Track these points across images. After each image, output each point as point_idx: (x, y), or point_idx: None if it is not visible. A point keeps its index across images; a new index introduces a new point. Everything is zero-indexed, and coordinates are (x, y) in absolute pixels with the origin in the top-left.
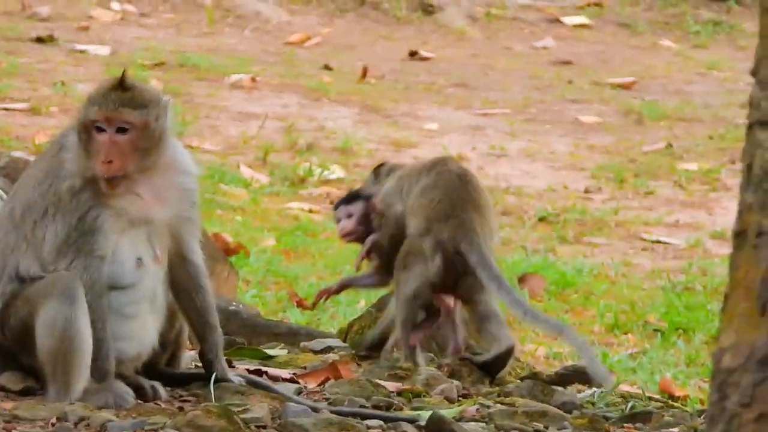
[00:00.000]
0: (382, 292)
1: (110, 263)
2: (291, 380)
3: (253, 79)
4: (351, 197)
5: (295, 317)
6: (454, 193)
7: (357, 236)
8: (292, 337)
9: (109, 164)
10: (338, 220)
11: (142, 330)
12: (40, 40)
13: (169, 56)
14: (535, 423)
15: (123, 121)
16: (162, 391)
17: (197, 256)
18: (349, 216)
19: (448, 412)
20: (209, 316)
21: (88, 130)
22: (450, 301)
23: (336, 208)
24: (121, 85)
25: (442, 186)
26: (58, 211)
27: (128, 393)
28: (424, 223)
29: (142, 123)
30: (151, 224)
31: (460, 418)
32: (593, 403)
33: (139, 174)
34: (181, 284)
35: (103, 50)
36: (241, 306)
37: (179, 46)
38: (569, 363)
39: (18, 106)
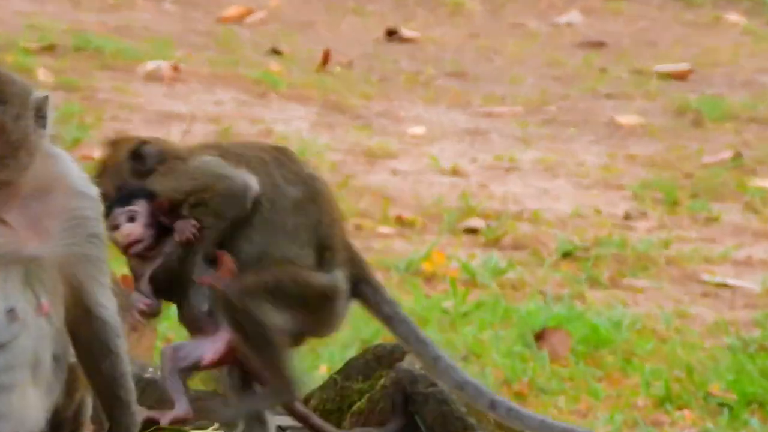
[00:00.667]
0: (349, 353)
1: None
2: None
3: (176, 68)
4: (126, 196)
5: None
6: (334, 213)
7: (148, 243)
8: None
9: None
10: (115, 226)
11: (20, 405)
12: None
13: (62, 37)
14: None
15: None
16: None
17: (104, 308)
18: (132, 219)
19: None
20: (120, 388)
21: None
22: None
23: (109, 212)
24: None
25: (321, 202)
26: None
27: None
28: (311, 252)
29: None
30: (28, 263)
31: None
32: None
33: (9, 195)
34: (85, 345)
35: None
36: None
37: (76, 23)
38: None
39: None
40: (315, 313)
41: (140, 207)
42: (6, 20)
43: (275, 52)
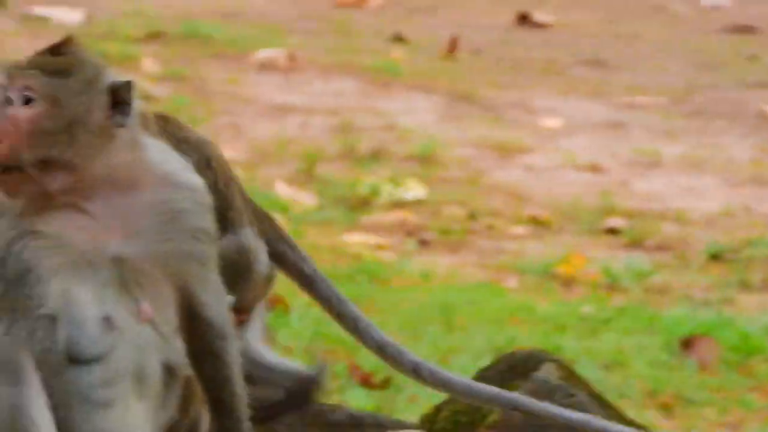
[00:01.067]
0: (481, 363)
1: (63, 325)
2: None
3: (291, 57)
4: None
5: (357, 399)
6: (229, 173)
7: None
8: (353, 428)
9: None
10: None
11: (123, 422)
12: None
13: (169, 24)
14: None
15: (25, 87)
16: None
17: (208, 308)
18: None
19: None
20: (224, 394)
21: None
22: None
23: None
24: (53, 50)
25: (216, 164)
26: None
27: None
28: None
29: (50, 94)
30: (121, 263)
31: None
32: None
33: (71, 181)
34: (192, 350)
35: (73, 16)
36: None
37: (184, 9)
38: None
39: None
40: (234, 276)
41: None
42: (109, 6)
43: (397, 38)
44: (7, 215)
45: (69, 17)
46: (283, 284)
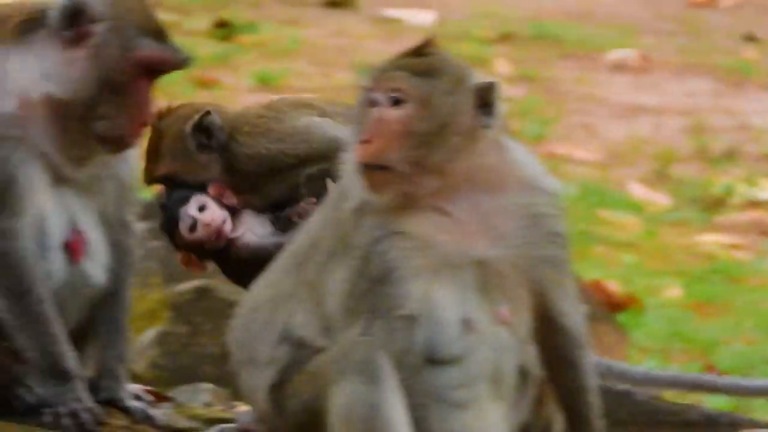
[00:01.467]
0: None
1: (422, 326)
2: None
3: (644, 57)
4: (184, 195)
5: (713, 399)
6: None
7: (230, 224)
8: (709, 428)
9: (367, 145)
10: (194, 224)
11: (478, 424)
12: (333, 3)
13: (519, 25)
14: None
15: (394, 89)
16: None
17: (566, 317)
18: (203, 208)
19: None
20: (579, 403)
21: (363, 107)
22: None
23: (174, 214)
24: (417, 51)
25: None
26: (341, 248)
27: None
28: None
29: (420, 95)
30: (482, 266)
31: None
32: None
33: (437, 182)
34: (543, 355)
35: (425, 17)
36: None
37: (534, 10)
38: None
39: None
40: None
41: (203, 196)
42: (459, 7)
43: (750, 38)
44: (373, 214)
45: (420, 18)
46: (638, 284)
